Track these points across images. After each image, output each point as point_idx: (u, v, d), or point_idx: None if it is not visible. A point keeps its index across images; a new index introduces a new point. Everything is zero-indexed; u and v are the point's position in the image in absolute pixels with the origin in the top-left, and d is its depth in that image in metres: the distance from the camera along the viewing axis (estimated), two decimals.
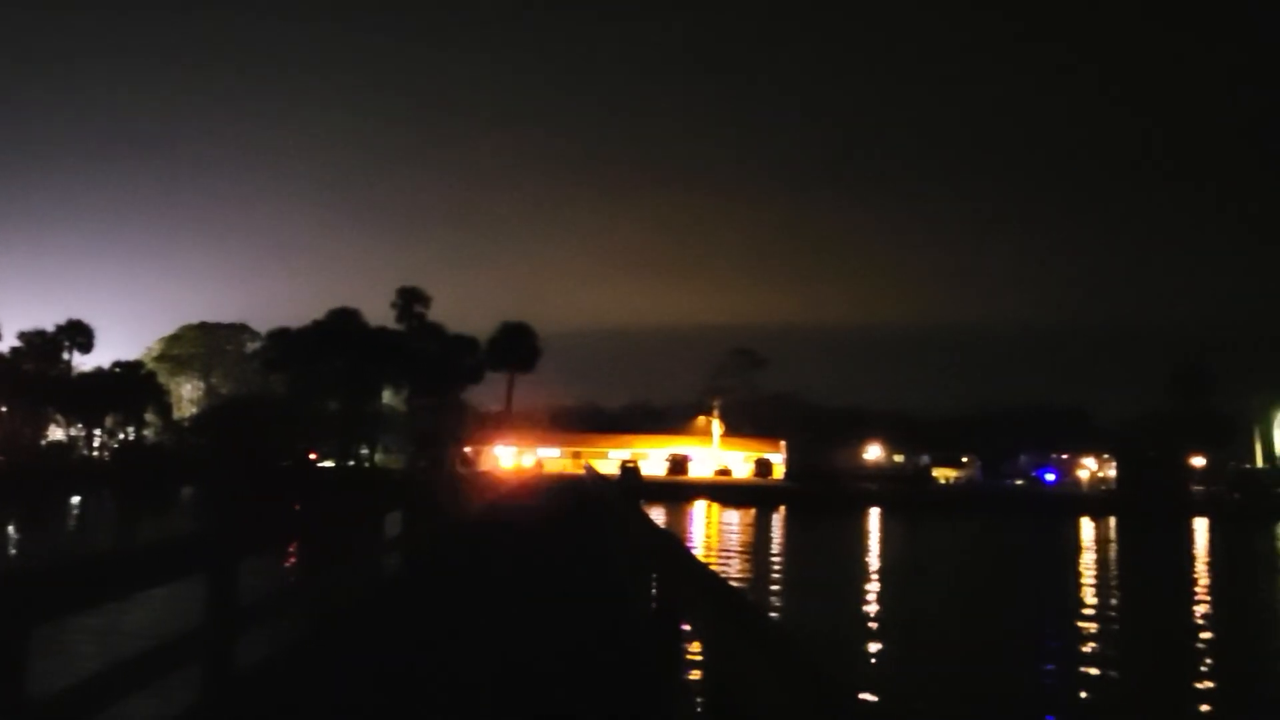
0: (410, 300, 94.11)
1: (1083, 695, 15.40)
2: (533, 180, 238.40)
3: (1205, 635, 21.97)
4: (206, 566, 5.83)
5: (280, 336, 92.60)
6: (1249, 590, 31.47)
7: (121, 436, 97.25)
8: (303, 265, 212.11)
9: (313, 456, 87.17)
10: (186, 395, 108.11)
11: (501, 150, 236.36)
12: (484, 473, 63.64)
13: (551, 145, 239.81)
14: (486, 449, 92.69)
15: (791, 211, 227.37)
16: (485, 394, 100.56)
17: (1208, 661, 19.03)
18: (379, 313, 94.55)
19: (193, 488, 65.87)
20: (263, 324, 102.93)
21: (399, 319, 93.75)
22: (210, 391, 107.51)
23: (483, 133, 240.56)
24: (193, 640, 5.57)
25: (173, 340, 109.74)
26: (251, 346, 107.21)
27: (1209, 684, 17.02)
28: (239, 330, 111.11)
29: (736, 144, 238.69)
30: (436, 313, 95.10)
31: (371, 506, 12.43)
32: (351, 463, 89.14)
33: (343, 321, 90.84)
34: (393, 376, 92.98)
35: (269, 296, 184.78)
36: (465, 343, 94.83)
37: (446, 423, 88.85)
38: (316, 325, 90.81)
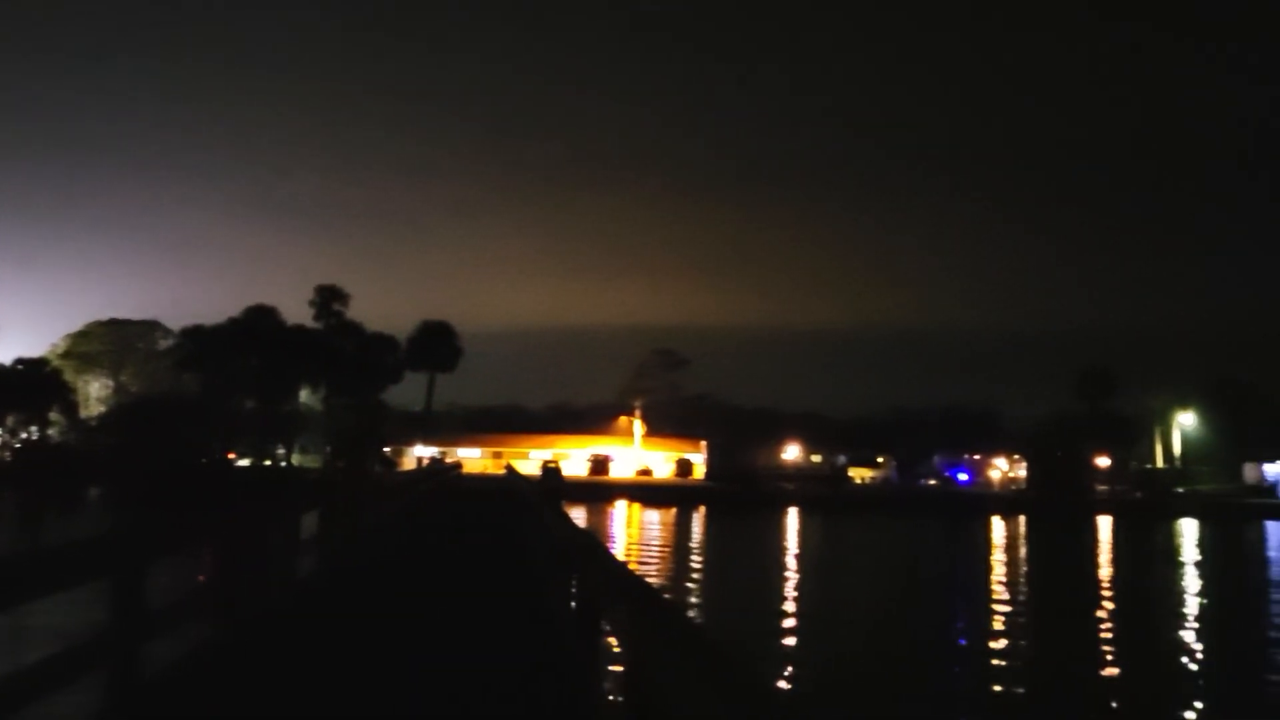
0: (328, 298, 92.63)
1: (994, 689, 15.85)
2: (454, 178, 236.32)
3: (1106, 624, 22.80)
4: (112, 570, 5.69)
5: (194, 334, 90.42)
6: (1147, 582, 32.61)
7: (25, 436, 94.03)
8: (218, 262, 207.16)
9: (230, 456, 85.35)
10: (95, 394, 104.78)
11: (422, 148, 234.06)
12: (403, 473, 62.89)
13: (473, 144, 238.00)
14: (406, 449, 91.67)
15: (713, 214, 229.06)
16: (405, 394, 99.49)
17: (1106, 647, 19.78)
18: (297, 311, 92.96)
19: (100, 489, 63.97)
20: (176, 321, 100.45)
21: (317, 317, 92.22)
22: (119, 390, 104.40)
23: (403, 130, 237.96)
24: (98, 646, 5.43)
25: (80, 337, 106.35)
26: (164, 344, 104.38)
27: (1111, 670, 17.78)
28: (150, 327, 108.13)
29: (659, 146, 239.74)
30: (355, 311, 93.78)
31: (287, 507, 12.23)
32: (268, 463, 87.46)
33: (259, 319, 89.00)
34: (310, 376, 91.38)
35: (182, 294, 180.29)
36: (385, 342, 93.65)
37: (365, 423, 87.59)
38: (232, 323, 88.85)
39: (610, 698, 7.52)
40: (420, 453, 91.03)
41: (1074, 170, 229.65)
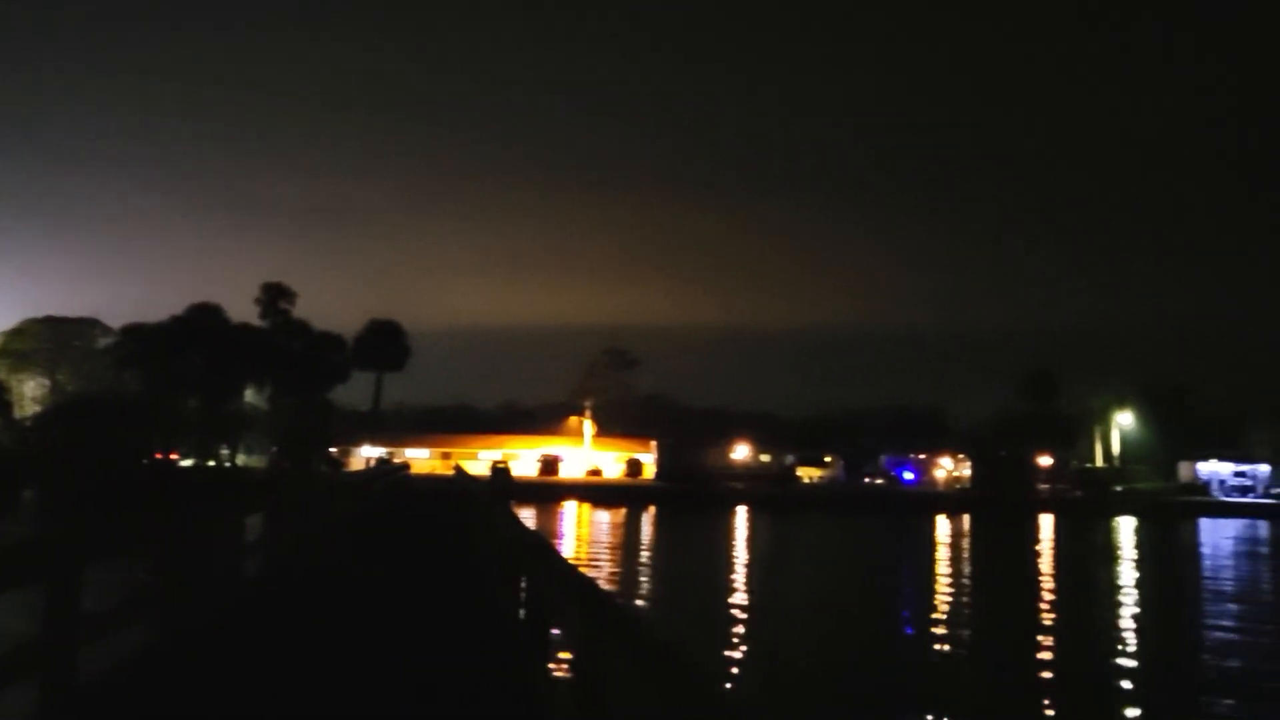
0: (274, 296, 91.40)
1: (937, 663, 16.07)
2: (403, 175, 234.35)
3: (1046, 615, 23.29)
4: (46, 575, 5.53)
5: (135, 332, 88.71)
6: (1084, 577, 33.26)
7: None
8: (161, 259, 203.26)
9: (173, 456, 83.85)
10: (30, 393, 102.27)
11: (371, 144, 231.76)
12: (351, 474, 62.23)
13: (422, 140, 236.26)
14: (353, 450, 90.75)
15: (663, 213, 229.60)
16: (352, 393, 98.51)
17: (1043, 637, 20.21)
18: (242, 309, 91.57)
19: (35, 491, 62.50)
20: (116, 319, 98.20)
21: (263, 315, 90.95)
22: (56, 389, 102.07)
23: (351, 125, 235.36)
24: (31, 652, 5.28)
25: (14, 335, 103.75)
26: (103, 342, 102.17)
27: (1047, 654, 18.22)
28: (89, 325, 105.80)
29: (610, 145, 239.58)
30: (302, 309, 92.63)
31: (230, 509, 12.02)
32: (212, 463, 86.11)
33: (202, 317, 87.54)
34: (255, 375, 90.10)
35: (122, 291, 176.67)
36: (332, 340, 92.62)
37: (311, 422, 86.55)
38: (175, 321, 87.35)
39: (561, 700, 7.49)
40: (368, 453, 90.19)
41: (1020, 174, 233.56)
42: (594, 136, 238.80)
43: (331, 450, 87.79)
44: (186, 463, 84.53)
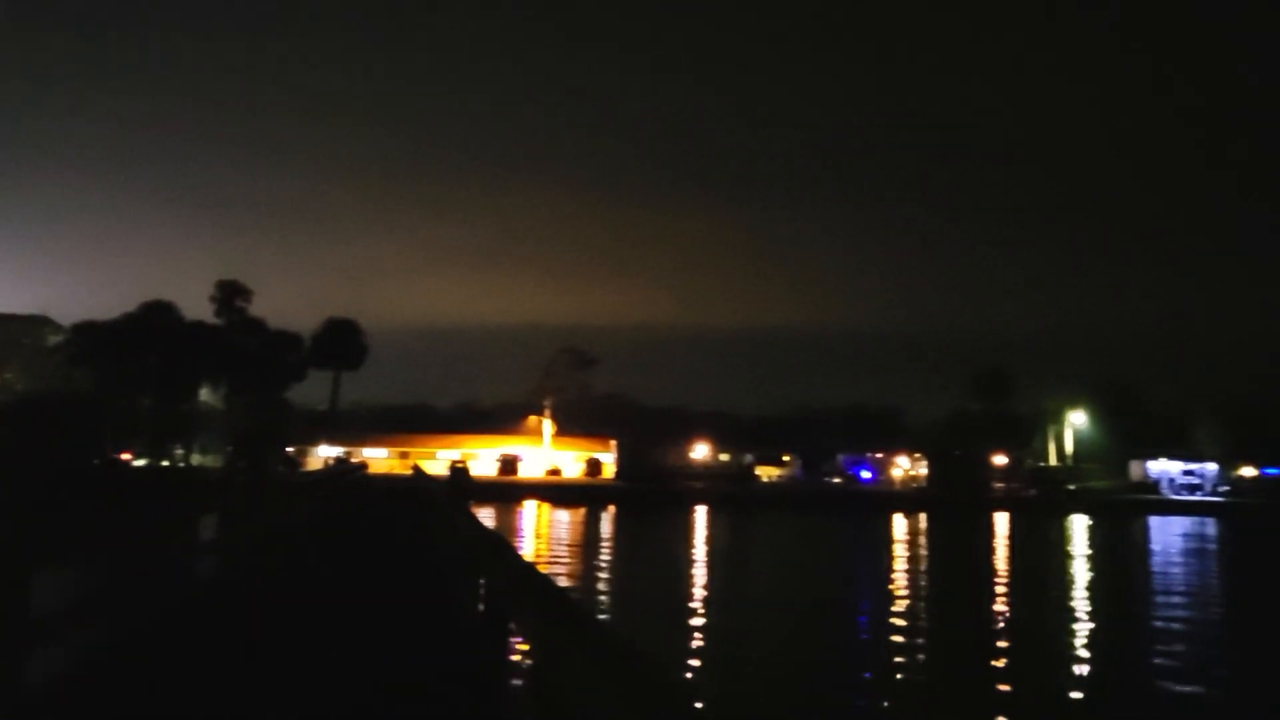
0: (230, 294, 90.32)
1: (895, 664, 16.26)
2: (361, 174, 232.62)
3: (999, 612, 23.60)
4: None
5: (86, 330, 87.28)
6: (1038, 574, 33.74)
7: None
8: (112, 256, 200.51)
9: (125, 457, 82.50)
10: None
11: (328, 141, 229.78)
12: (307, 473, 61.64)
13: (381, 139, 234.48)
14: (310, 449, 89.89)
15: (622, 214, 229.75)
16: (309, 392, 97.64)
17: (998, 635, 20.50)
18: (197, 307, 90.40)
19: None
20: (66, 317, 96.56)
21: (218, 313, 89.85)
22: (5, 388, 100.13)
23: (309, 125, 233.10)
24: None
25: None
26: (54, 340, 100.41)
27: (1003, 643, 18.50)
28: (39, 323, 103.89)
29: (569, 144, 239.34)
30: (258, 307, 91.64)
31: (184, 509, 11.87)
32: (165, 463, 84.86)
33: (155, 315, 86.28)
34: (210, 373, 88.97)
35: (73, 288, 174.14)
36: (288, 339, 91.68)
37: (268, 422, 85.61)
38: (126, 318, 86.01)
39: (520, 698, 7.48)
40: (325, 453, 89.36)
41: (976, 177, 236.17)
42: (553, 138, 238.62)
43: (288, 450, 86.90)
44: (139, 463, 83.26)
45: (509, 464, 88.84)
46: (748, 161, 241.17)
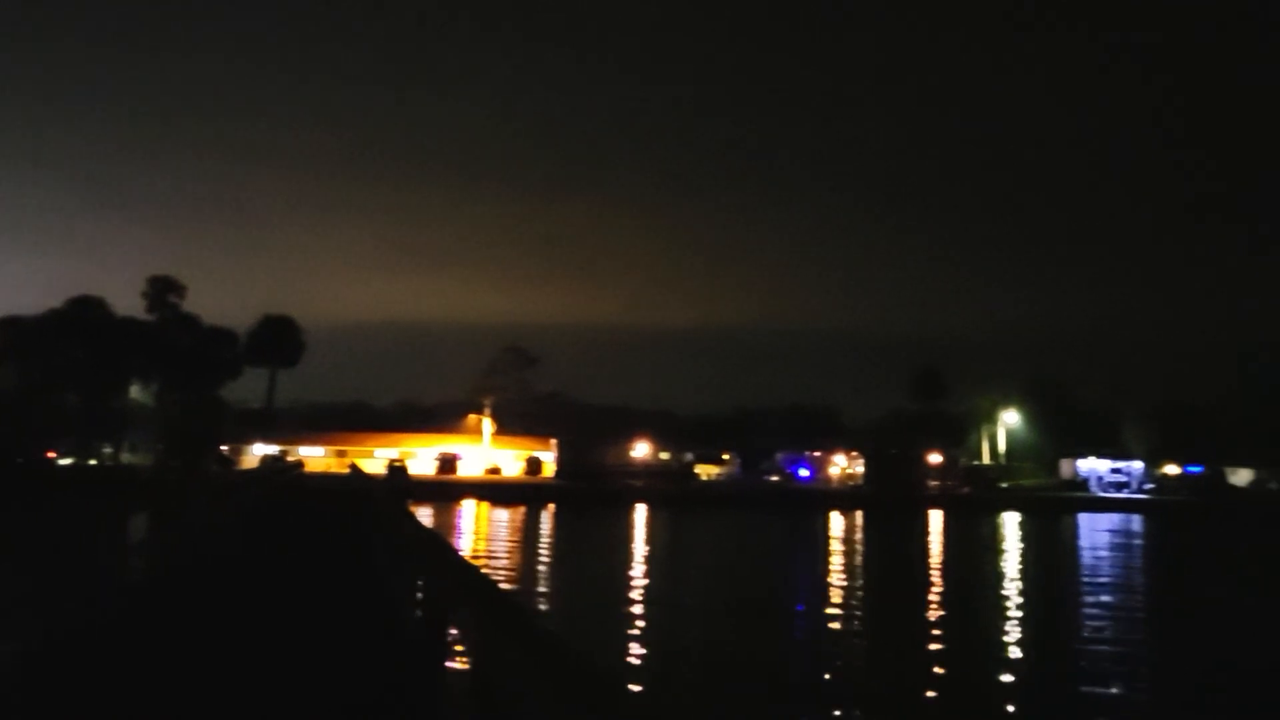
0: (162, 289, 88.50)
1: (829, 649, 16.55)
2: (299, 168, 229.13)
3: (932, 606, 24.11)
4: None
5: (9, 325, 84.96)
6: (969, 569, 34.44)
7: None
8: (38, 250, 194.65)
9: (50, 455, 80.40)
10: None
11: (265, 137, 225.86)
12: (242, 472, 60.70)
13: (318, 133, 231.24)
14: (245, 448, 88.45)
15: (562, 212, 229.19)
16: (244, 390, 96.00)
17: (928, 623, 20.96)
18: (128, 303, 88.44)
19: None
20: None
21: (150, 309, 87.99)
22: None
23: (246, 118, 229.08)
24: None
25: None
26: None
27: (936, 632, 18.94)
28: None
29: (507, 143, 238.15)
30: (192, 303, 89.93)
31: (114, 508, 11.70)
32: (94, 461, 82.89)
33: (83, 310, 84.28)
34: (141, 370, 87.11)
35: (1, 284, 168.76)
36: (222, 335, 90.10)
37: (201, 420, 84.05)
38: (53, 314, 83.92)
39: (457, 696, 7.51)
40: (260, 451, 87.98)
41: (915, 180, 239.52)
42: (496, 136, 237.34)
43: (222, 448, 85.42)
44: (65, 461, 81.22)
45: (448, 463, 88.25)
46: (689, 162, 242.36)
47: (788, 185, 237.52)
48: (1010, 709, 15.10)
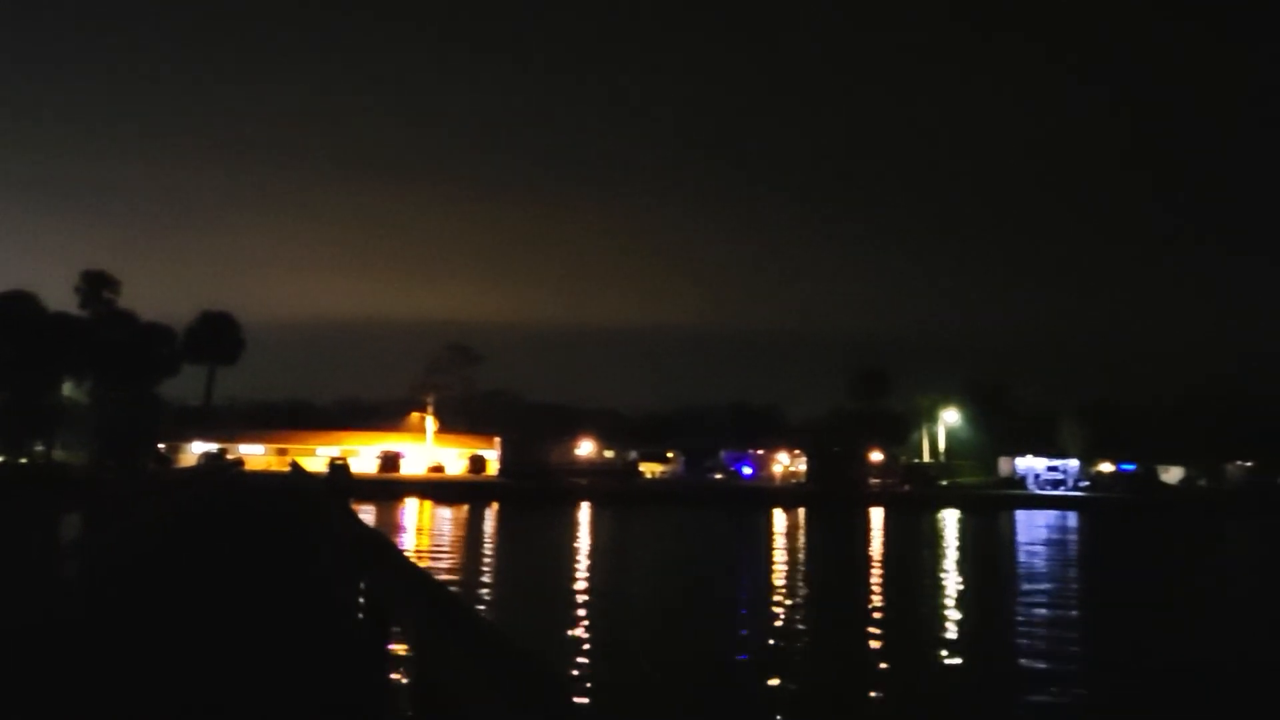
0: (97, 285, 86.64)
1: (772, 643, 16.80)
2: (238, 162, 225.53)
3: (874, 601, 24.52)
4: None
5: None
6: (908, 566, 34.99)
7: None
8: None
9: None
10: None
11: (203, 129, 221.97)
12: (180, 471, 59.59)
13: (258, 128, 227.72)
14: (183, 446, 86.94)
15: (505, 210, 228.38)
16: (182, 387, 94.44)
17: (872, 611, 21.30)
18: (61, 298, 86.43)
19: None
20: None
21: (83, 305, 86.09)
22: None
23: (182, 105, 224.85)
24: None
25: None
26: None
27: (874, 629, 19.30)
28: None
29: (452, 140, 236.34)
30: (128, 299, 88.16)
31: (45, 508, 11.45)
32: (24, 460, 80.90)
33: (13, 305, 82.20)
34: (75, 367, 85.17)
35: None
36: (160, 332, 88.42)
37: (137, 418, 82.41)
38: None
39: (401, 698, 7.49)
40: (199, 449, 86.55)
41: (857, 179, 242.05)
42: (438, 133, 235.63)
43: (160, 446, 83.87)
44: None
45: (390, 461, 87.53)
46: (632, 159, 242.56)
47: (731, 186, 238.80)
48: (947, 696, 15.39)
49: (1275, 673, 17.88)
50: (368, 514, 43.69)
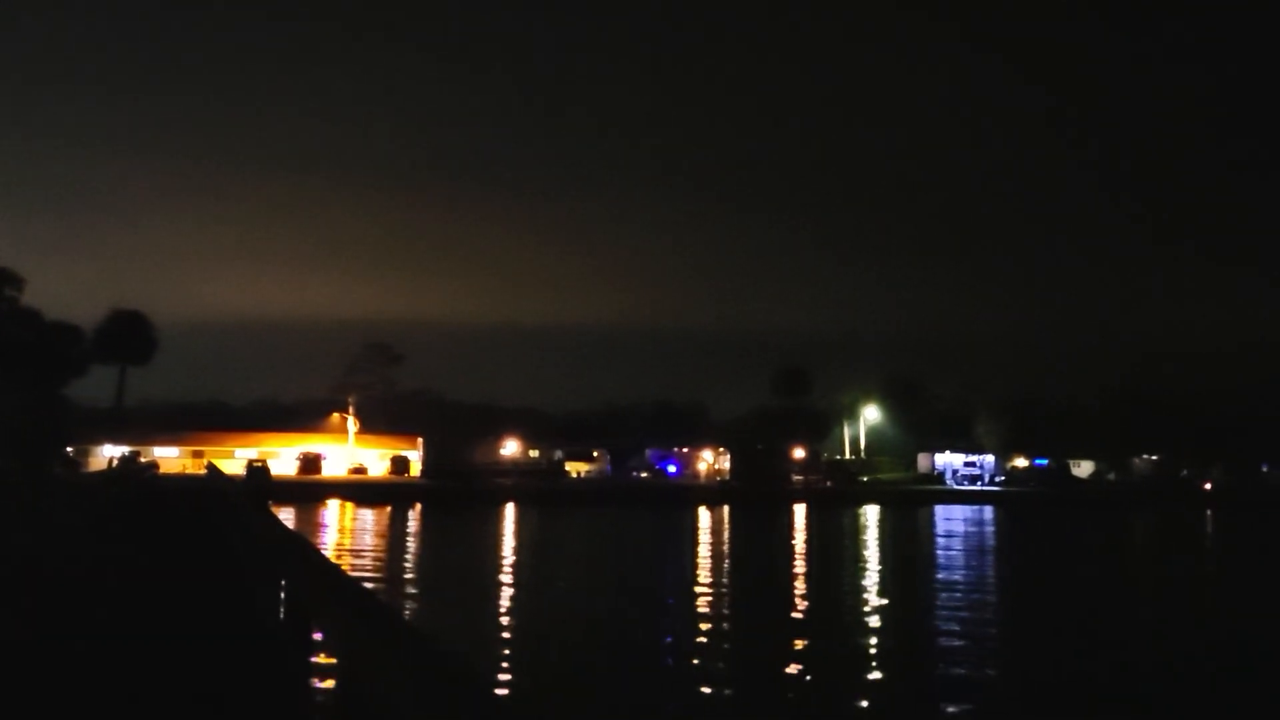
0: None
1: (699, 640, 16.95)
2: (149, 155, 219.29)
3: (798, 589, 24.92)
4: None
5: None
6: (829, 560, 35.63)
7: None
8: None
9: None
10: None
11: (114, 119, 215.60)
12: (90, 474, 57.99)
13: (171, 120, 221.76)
14: (93, 449, 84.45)
15: (425, 209, 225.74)
16: (92, 388, 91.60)
17: (795, 603, 21.67)
18: None
19: None
20: None
21: None
22: None
23: (88, 97, 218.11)
24: None
25: None
26: None
27: (799, 616, 19.63)
28: None
29: (370, 137, 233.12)
30: (32, 297, 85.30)
31: None
32: None
33: None
34: None
35: None
36: (67, 331, 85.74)
37: (42, 420, 79.83)
38: None
39: (322, 699, 7.44)
40: (110, 452, 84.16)
41: (783, 178, 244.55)
42: (360, 129, 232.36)
43: (68, 450, 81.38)
44: None
45: (311, 462, 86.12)
46: (554, 156, 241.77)
47: (650, 183, 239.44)
48: (866, 679, 15.75)
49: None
50: (288, 517, 42.97)
